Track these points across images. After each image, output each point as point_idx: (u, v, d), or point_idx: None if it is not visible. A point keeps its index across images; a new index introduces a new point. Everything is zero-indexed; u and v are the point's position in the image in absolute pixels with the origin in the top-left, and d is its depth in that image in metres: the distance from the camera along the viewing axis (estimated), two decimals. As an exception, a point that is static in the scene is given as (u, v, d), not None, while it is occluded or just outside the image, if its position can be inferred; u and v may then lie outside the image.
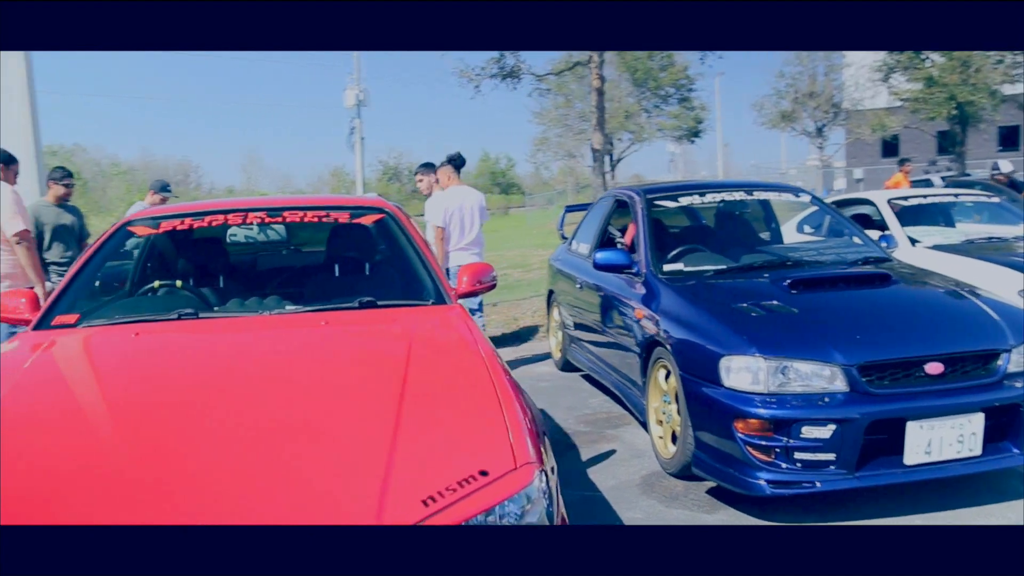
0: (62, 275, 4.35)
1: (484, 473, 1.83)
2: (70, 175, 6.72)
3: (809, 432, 3.33)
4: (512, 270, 15.03)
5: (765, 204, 5.94)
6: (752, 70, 78.83)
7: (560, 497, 2.18)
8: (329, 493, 1.78)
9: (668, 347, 4.02)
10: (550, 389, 6.29)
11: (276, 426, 2.07)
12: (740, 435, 3.43)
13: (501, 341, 8.55)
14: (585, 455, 4.65)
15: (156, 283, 3.41)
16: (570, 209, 7.86)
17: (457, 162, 6.67)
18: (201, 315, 3.00)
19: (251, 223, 3.63)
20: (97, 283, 3.41)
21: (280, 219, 3.62)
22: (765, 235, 5.86)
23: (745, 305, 3.87)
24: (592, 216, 6.37)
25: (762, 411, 3.39)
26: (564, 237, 7.35)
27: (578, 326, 6.08)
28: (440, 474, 1.82)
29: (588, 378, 6.25)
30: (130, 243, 3.69)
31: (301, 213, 3.58)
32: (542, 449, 2.13)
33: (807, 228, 7.86)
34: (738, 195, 5.32)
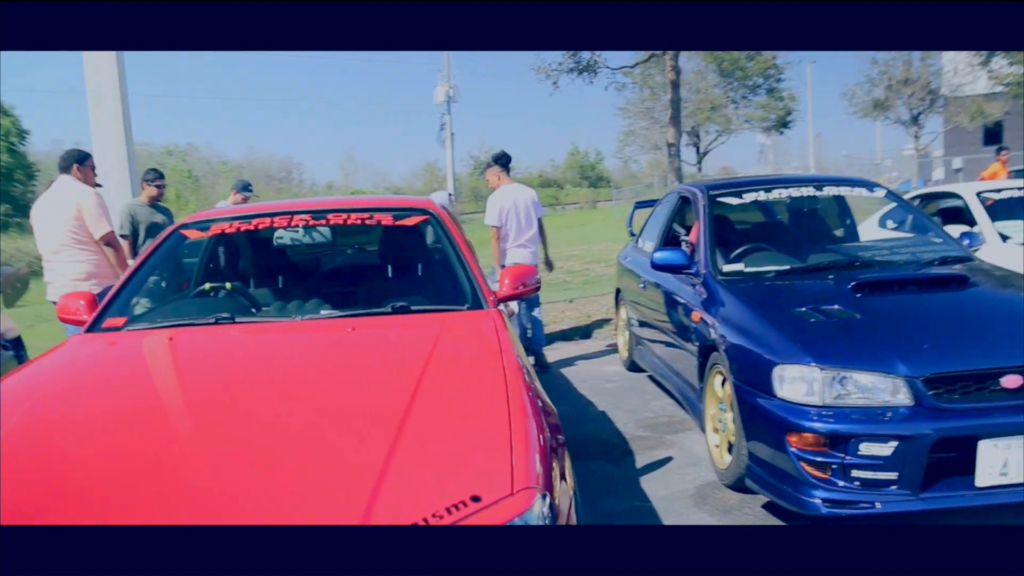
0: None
1: (476, 499, 1.73)
2: (162, 176, 7.02)
3: (868, 449, 3.11)
4: (595, 265, 14.84)
5: (840, 199, 5.64)
6: (844, 57, 75.85)
7: (575, 521, 2.07)
8: (312, 514, 1.72)
9: (723, 353, 3.84)
10: (614, 390, 6.14)
11: (275, 435, 2.04)
12: (793, 450, 3.24)
13: (570, 337, 8.43)
14: (640, 461, 4.50)
15: (207, 285, 3.47)
16: (640, 205, 7.67)
17: (502, 161, 6.69)
18: (238, 319, 3.01)
19: (296, 226, 3.63)
20: (163, 284, 3.48)
21: (324, 221, 3.61)
22: (839, 232, 5.58)
23: (804, 309, 3.65)
24: (657, 213, 6.20)
25: (817, 425, 3.19)
26: (632, 234, 7.18)
27: (642, 326, 5.92)
28: (429, 498, 1.74)
29: (654, 379, 6.09)
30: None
31: (345, 216, 3.55)
32: (554, 470, 2.01)
33: (890, 224, 7.46)
34: (807, 190, 5.05)
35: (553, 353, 7.59)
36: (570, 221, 32.76)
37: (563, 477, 2.11)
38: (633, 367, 6.51)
